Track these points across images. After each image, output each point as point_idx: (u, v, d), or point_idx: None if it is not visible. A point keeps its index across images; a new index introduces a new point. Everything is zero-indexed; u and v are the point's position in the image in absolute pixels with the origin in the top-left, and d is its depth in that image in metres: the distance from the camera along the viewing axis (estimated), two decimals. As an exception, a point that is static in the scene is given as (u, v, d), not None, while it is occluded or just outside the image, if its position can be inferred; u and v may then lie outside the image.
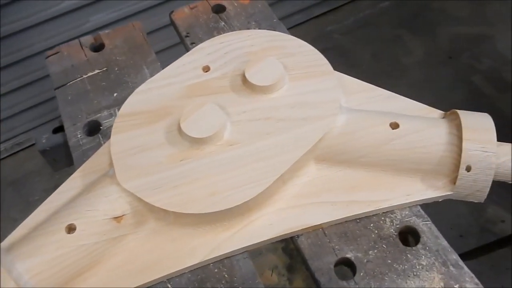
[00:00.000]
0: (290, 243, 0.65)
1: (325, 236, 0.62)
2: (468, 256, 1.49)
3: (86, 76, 0.81)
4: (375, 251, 0.61)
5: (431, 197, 0.63)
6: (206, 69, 0.72)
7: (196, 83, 0.70)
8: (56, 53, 0.85)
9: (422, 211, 0.64)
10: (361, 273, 0.59)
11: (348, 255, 0.60)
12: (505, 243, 1.49)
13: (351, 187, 0.65)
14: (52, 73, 0.83)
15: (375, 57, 2.19)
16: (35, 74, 1.78)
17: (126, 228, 0.62)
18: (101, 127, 0.75)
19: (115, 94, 0.79)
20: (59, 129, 0.79)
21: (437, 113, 0.70)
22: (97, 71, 0.82)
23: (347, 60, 2.19)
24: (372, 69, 2.13)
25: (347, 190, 0.65)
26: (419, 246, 0.61)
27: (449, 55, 2.13)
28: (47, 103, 1.88)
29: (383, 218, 0.63)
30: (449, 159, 0.62)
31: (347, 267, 0.61)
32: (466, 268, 0.59)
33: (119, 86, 0.80)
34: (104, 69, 0.82)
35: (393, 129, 0.64)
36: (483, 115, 0.65)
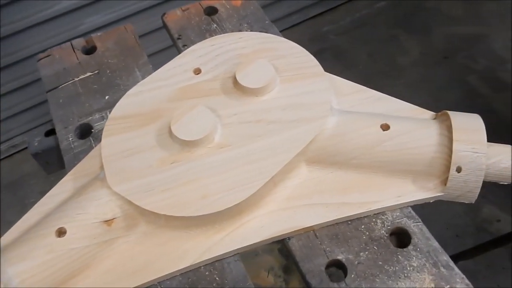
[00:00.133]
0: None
1: (316, 238, 0.62)
2: (464, 256, 1.49)
3: (78, 79, 0.81)
4: (366, 252, 0.61)
5: (422, 198, 0.63)
6: (197, 71, 0.72)
7: (187, 85, 0.70)
8: (48, 56, 0.84)
9: (413, 212, 0.64)
10: (352, 275, 0.59)
11: (339, 257, 0.60)
12: (501, 242, 1.49)
13: (342, 189, 0.65)
14: (43, 76, 0.82)
15: (371, 57, 2.19)
16: (30, 76, 1.78)
17: (116, 232, 0.62)
18: (93, 130, 0.75)
19: (106, 97, 0.78)
20: (52, 132, 0.79)
21: (428, 114, 0.70)
22: (88, 74, 0.82)
23: (343, 60, 2.19)
24: (368, 69, 2.13)
25: (338, 192, 0.65)
26: (410, 247, 0.61)
27: (444, 55, 2.14)
28: (42, 105, 1.88)
29: (374, 220, 0.63)
30: (440, 160, 0.62)
31: (338, 269, 0.61)
32: (456, 269, 0.59)
33: (110, 89, 0.80)
34: (96, 72, 0.82)
35: (384, 130, 0.64)
36: (473, 116, 0.65)
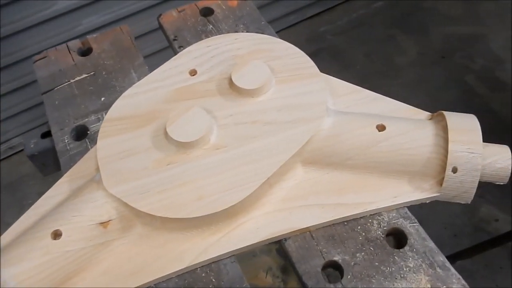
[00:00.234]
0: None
1: (313, 239, 0.62)
2: (462, 256, 1.50)
3: (74, 80, 0.81)
4: (363, 253, 0.61)
5: (418, 198, 0.63)
6: (193, 72, 0.72)
7: (182, 87, 0.70)
8: (44, 57, 0.84)
9: (409, 213, 0.64)
10: (349, 276, 0.59)
11: (336, 258, 0.60)
12: (498, 242, 1.49)
13: (338, 190, 0.65)
14: (39, 77, 0.82)
15: (368, 57, 2.19)
16: (28, 77, 1.78)
17: (112, 234, 0.62)
18: (89, 132, 0.75)
19: (102, 99, 0.78)
20: (48, 134, 0.79)
21: (424, 114, 0.70)
22: (84, 75, 0.82)
23: (341, 60, 2.19)
24: (365, 70, 2.13)
25: (334, 193, 0.65)
26: (406, 248, 0.61)
27: (442, 54, 2.14)
28: (40, 106, 1.88)
29: (370, 221, 0.63)
30: (436, 160, 0.62)
31: (334, 270, 0.61)
32: (453, 270, 0.59)
33: (106, 90, 0.79)
34: (92, 73, 0.82)
35: (379, 131, 0.64)
36: (469, 116, 0.65)
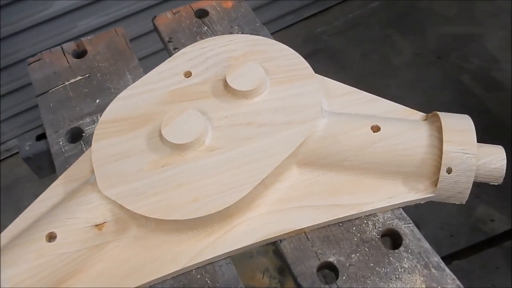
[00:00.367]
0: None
1: (308, 240, 0.62)
2: (458, 256, 1.50)
3: (68, 82, 0.81)
4: (358, 254, 0.61)
5: (413, 199, 0.63)
6: (188, 74, 0.72)
7: (177, 88, 0.70)
8: (38, 60, 0.84)
9: (404, 213, 0.64)
10: (344, 277, 0.59)
11: (331, 259, 0.60)
12: (495, 242, 1.49)
13: (333, 191, 0.65)
14: (34, 80, 0.82)
15: (365, 58, 2.19)
16: (24, 80, 1.78)
17: (107, 236, 0.61)
18: (84, 134, 0.74)
19: (97, 101, 0.78)
20: (43, 136, 0.79)
21: (418, 115, 0.70)
22: (79, 77, 0.82)
23: (337, 61, 2.19)
24: (362, 70, 2.13)
25: (329, 194, 0.65)
26: (402, 248, 0.61)
27: (437, 54, 2.14)
28: (36, 108, 1.87)
29: (365, 221, 0.63)
30: (430, 161, 0.62)
31: (330, 271, 0.61)
32: (448, 270, 0.59)
33: (101, 92, 0.79)
34: (87, 75, 0.82)
35: (374, 132, 0.64)
36: (463, 117, 0.65)
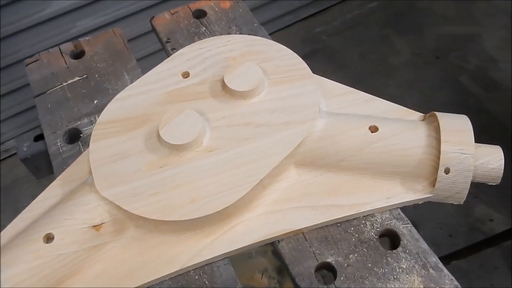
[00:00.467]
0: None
1: (306, 240, 0.62)
2: (457, 256, 1.50)
3: (66, 83, 0.81)
4: (356, 255, 0.61)
5: (411, 199, 0.63)
6: (186, 75, 0.72)
7: (175, 89, 0.70)
8: (36, 60, 0.84)
9: (402, 214, 0.64)
10: (342, 277, 0.59)
11: (329, 260, 0.60)
12: (493, 242, 1.49)
13: (331, 191, 0.65)
14: (31, 81, 0.82)
15: (363, 58, 2.19)
16: (22, 80, 1.77)
17: (105, 236, 0.61)
18: (81, 135, 0.74)
19: (95, 101, 0.78)
20: (41, 137, 0.79)
21: (416, 115, 0.70)
22: (77, 78, 0.81)
23: (336, 61, 2.19)
24: (360, 70, 2.13)
25: (327, 194, 0.65)
26: (399, 249, 0.61)
27: (436, 55, 2.14)
28: (34, 109, 1.87)
29: (363, 222, 0.63)
30: (428, 161, 0.62)
31: (328, 271, 0.61)
32: (445, 271, 0.59)
33: (99, 93, 0.79)
34: (84, 76, 0.82)
35: (372, 132, 0.64)
36: (461, 117, 0.65)
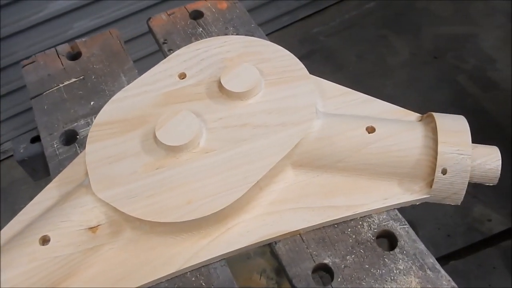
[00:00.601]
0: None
1: (303, 242, 0.62)
2: (455, 256, 1.50)
3: (63, 85, 0.81)
4: (353, 256, 0.60)
5: (408, 200, 0.63)
6: (182, 76, 0.71)
7: (172, 90, 0.70)
8: (32, 62, 0.84)
9: (399, 214, 0.64)
10: (339, 279, 0.59)
11: (326, 261, 0.60)
12: (492, 242, 1.49)
13: (328, 192, 0.65)
14: (28, 82, 0.82)
15: (361, 58, 2.19)
16: (20, 82, 1.77)
17: (102, 238, 0.61)
18: (78, 136, 0.74)
19: (92, 103, 0.78)
20: (38, 138, 0.78)
21: (413, 116, 0.70)
22: (73, 79, 0.81)
23: (333, 61, 2.19)
24: (358, 70, 2.13)
25: (324, 195, 0.64)
26: (397, 250, 0.61)
27: (434, 55, 2.14)
28: (31, 111, 1.87)
29: (360, 223, 0.63)
30: (425, 162, 0.62)
31: (325, 273, 0.61)
32: (443, 272, 0.59)
33: (96, 94, 0.79)
34: (81, 77, 0.82)
35: (369, 133, 0.64)
36: (458, 118, 0.65)
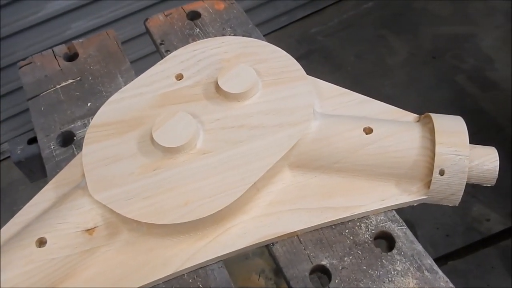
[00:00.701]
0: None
1: (300, 243, 0.62)
2: (454, 256, 1.50)
3: (60, 86, 0.80)
4: (350, 257, 0.60)
5: (406, 201, 0.63)
6: (179, 77, 0.71)
7: (169, 91, 0.70)
8: (29, 63, 0.84)
9: (397, 215, 0.63)
10: (336, 280, 0.59)
11: (323, 262, 0.60)
12: (490, 242, 1.49)
13: (326, 193, 0.65)
14: (24, 83, 0.82)
15: (359, 58, 2.19)
16: (18, 83, 1.77)
17: (98, 240, 0.61)
18: (75, 138, 0.74)
19: (89, 104, 0.78)
20: (35, 140, 0.78)
21: (411, 116, 0.69)
22: (70, 80, 0.81)
23: (332, 61, 2.19)
24: (356, 70, 2.13)
25: (322, 197, 0.64)
26: (394, 251, 0.60)
27: (432, 54, 2.14)
28: (29, 112, 1.87)
29: (358, 224, 0.63)
30: (423, 163, 0.62)
31: (322, 274, 0.61)
32: (440, 273, 0.58)
33: (93, 95, 0.79)
34: (78, 78, 0.81)
35: (367, 134, 0.64)
36: (456, 118, 0.65)
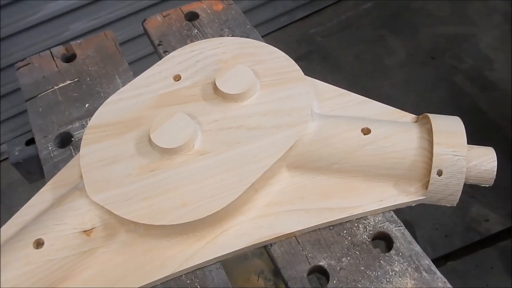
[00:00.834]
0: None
1: (298, 244, 0.62)
2: (453, 256, 1.50)
3: (58, 87, 0.80)
4: (348, 258, 0.60)
5: (404, 202, 0.63)
6: (177, 78, 0.71)
7: (166, 92, 0.70)
8: (27, 64, 0.83)
9: (395, 216, 0.63)
10: (334, 281, 0.59)
11: (321, 263, 0.60)
12: (489, 242, 1.49)
13: (324, 194, 0.64)
14: (22, 84, 0.81)
15: (358, 59, 2.19)
16: (16, 84, 1.76)
17: (96, 241, 0.61)
18: (73, 139, 0.74)
19: (86, 105, 0.78)
20: (32, 141, 0.78)
21: (409, 117, 0.69)
22: (68, 82, 0.81)
23: (330, 62, 2.19)
24: (355, 71, 2.13)
25: (320, 197, 0.64)
26: (392, 252, 0.60)
27: (431, 55, 2.14)
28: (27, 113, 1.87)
29: (356, 225, 0.63)
30: (421, 163, 0.62)
31: (320, 275, 0.61)
32: (438, 273, 0.58)
33: (91, 96, 0.79)
34: (76, 79, 0.81)
35: (365, 134, 0.64)
36: (454, 119, 0.65)
